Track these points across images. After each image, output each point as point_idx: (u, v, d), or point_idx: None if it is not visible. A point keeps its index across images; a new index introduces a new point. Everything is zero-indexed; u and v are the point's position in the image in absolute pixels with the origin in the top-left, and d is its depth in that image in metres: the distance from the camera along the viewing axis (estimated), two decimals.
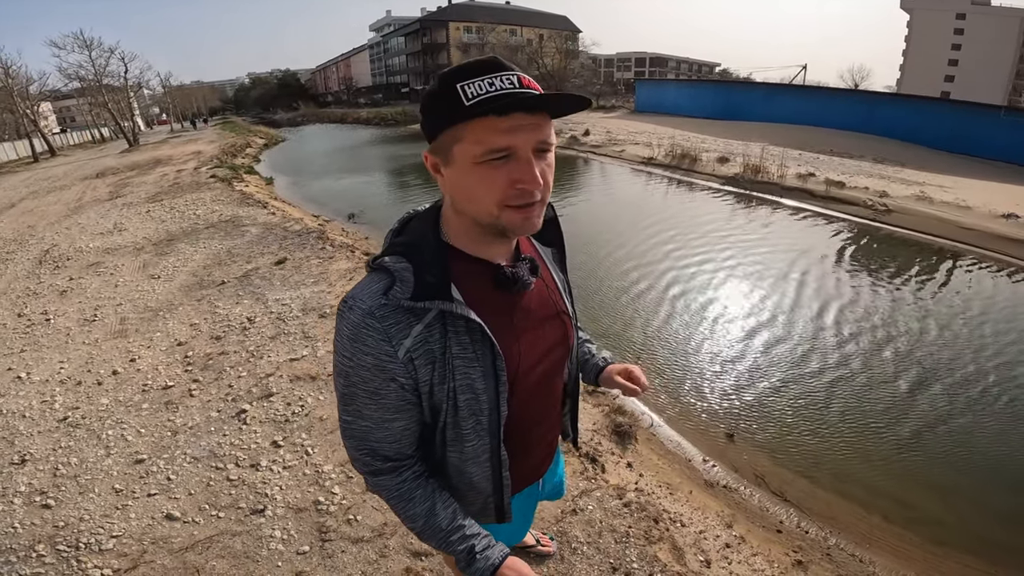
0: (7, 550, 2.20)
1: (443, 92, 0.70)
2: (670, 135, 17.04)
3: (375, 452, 0.85)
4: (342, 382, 0.80)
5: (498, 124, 0.69)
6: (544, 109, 0.71)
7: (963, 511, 2.78)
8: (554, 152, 0.76)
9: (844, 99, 20.87)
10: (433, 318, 0.77)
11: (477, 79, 0.69)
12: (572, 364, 1.08)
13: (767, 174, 11.00)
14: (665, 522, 2.30)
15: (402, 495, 0.87)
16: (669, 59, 76.15)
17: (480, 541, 0.88)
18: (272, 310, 4.55)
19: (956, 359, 4.17)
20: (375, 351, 0.75)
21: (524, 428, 0.96)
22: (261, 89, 78.08)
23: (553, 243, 1.02)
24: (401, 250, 0.80)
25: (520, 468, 1.01)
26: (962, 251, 6.98)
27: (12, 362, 3.98)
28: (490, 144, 0.69)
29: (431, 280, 0.76)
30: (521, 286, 0.84)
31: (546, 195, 0.76)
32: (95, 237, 7.80)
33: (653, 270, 6.18)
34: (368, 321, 0.74)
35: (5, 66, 26.65)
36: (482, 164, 0.71)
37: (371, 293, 0.76)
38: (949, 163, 13.26)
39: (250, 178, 13.33)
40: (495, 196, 0.72)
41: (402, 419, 0.82)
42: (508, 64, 0.72)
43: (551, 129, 0.74)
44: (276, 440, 2.85)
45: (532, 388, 0.92)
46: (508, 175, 0.71)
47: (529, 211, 0.74)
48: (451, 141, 0.72)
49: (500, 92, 0.68)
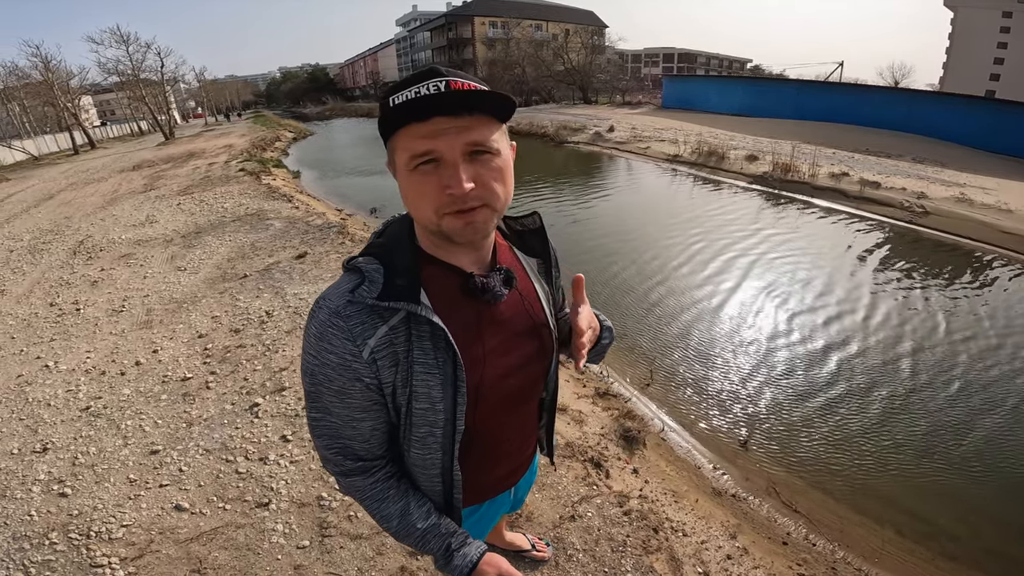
0: (21, 537, 2.29)
1: (382, 104, 0.73)
2: (697, 132, 16.73)
3: (346, 451, 0.84)
4: (308, 380, 0.80)
5: (419, 130, 0.69)
6: (471, 110, 0.69)
7: (979, 526, 2.68)
8: (504, 158, 0.74)
9: (882, 96, 20.11)
10: (399, 321, 0.77)
11: (404, 89, 0.70)
12: (551, 379, 1.05)
13: (798, 173, 10.71)
14: (666, 531, 2.26)
15: (375, 495, 0.87)
16: (698, 55, 74.68)
17: (456, 539, 0.88)
18: (290, 304, 4.63)
19: (983, 371, 4.00)
20: (339, 350, 0.75)
21: (491, 440, 0.95)
22: (291, 83, 79.57)
23: (539, 254, 1.00)
24: (375, 251, 0.81)
25: (480, 481, 1.00)
26: (999, 256, 6.68)
27: (41, 350, 4.14)
28: (412, 150, 0.70)
29: (400, 283, 0.76)
30: (491, 296, 0.83)
31: (492, 200, 0.73)
32: (128, 229, 8.06)
33: (675, 271, 6.08)
34: (334, 320, 0.75)
35: (45, 60, 27.59)
36: (413, 171, 0.71)
37: (339, 293, 0.77)
38: (992, 164, 12.70)
39: (277, 172, 13.59)
40: (430, 202, 0.72)
41: (370, 419, 0.82)
42: (446, 72, 0.70)
43: (488, 132, 0.71)
44: (286, 435, 2.90)
45: (500, 402, 0.90)
46: (437, 181, 0.70)
47: (470, 216, 0.72)
48: (391, 151, 0.75)
49: (417, 97, 0.67)
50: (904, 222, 8.14)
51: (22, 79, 29.20)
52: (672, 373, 4.03)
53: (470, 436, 0.89)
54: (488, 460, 0.99)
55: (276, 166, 14.77)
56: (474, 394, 0.84)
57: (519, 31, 47.06)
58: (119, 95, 39.39)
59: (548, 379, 1.03)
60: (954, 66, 44.72)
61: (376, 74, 78.33)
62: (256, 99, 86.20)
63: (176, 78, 36.82)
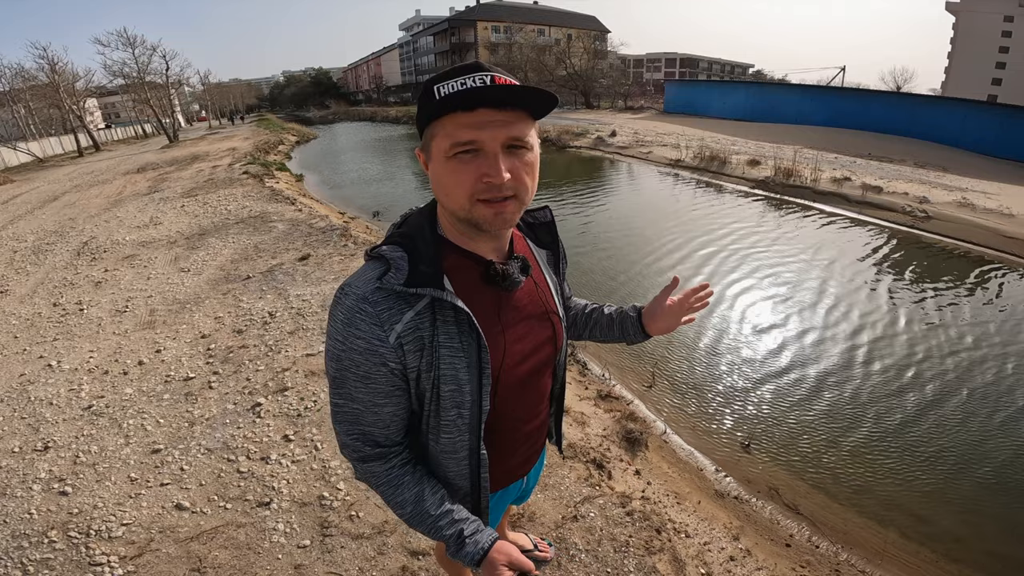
0: (20, 535, 2.29)
1: (425, 93, 0.75)
2: (699, 136, 16.76)
3: (365, 437, 0.86)
4: (333, 366, 0.82)
5: (464, 119, 0.72)
6: (514, 106, 0.73)
7: (983, 528, 2.67)
8: (535, 154, 0.79)
9: (884, 101, 20.14)
10: (424, 306, 0.80)
11: (451, 80, 0.73)
12: (560, 366, 1.09)
13: (800, 177, 10.70)
14: (668, 532, 2.25)
15: (391, 481, 0.89)
16: (700, 60, 74.79)
17: (469, 526, 0.89)
18: (293, 305, 4.64)
19: (984, 374, 3.99)
20: (367, 335, 0.77)
21: (509, 426, 0.98)
22: (295, 87, 79.86)
23: (548, 246, 1.05)
24: (398, 240, 0.83)
25: (501, 466, 1.02)
26: (1001, 261, 6.66)
27: (44, 350, 4.15)
28: (456, 138, 0.73)
29: (425, 269, 0.79)
30: (510, 283, 0.87)
31: (521, 192, 0.77)
32: (132, 230, 8.09)
33: (674, 273, 6.07)
34: (362, 306, 0.77)
35: (52, 63, 27.72)
36: (452, 158, 0.74)
37: (366, 280, 0.79)
38: (994, 168, 12.69)
39: (281, 175, 13.63)
40: (465, 189, 0.75)
41: (391, 404, 0.84)
42: (489, 67, 0.75)
43: (526, 128, 0.76)
44: (287, 434, 2.90)
45: (517, 385, 0.93)
46: (476, 169, 0.74)
47: (500, 206, 0.76)
48: (430, 138, 0.77)
49: (466, 88, 0.71)
50: (906, 227, 8.13)
51: (28, 81, 29.33)
52: (674, 376, 4.02)
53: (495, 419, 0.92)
54: (505, 446, 1.01)
55: (280, 169, 14.81)
56: (496, 375, 0.88)
57: (522, 36, 47.29)
58: (124, 98, 39.55)
59: (557, 367, 1.07)
60: (956, 71, 44.74)
61: (379, 78, 78.59)
62: (260, 102, 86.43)
63: (181, 81, 36.87)
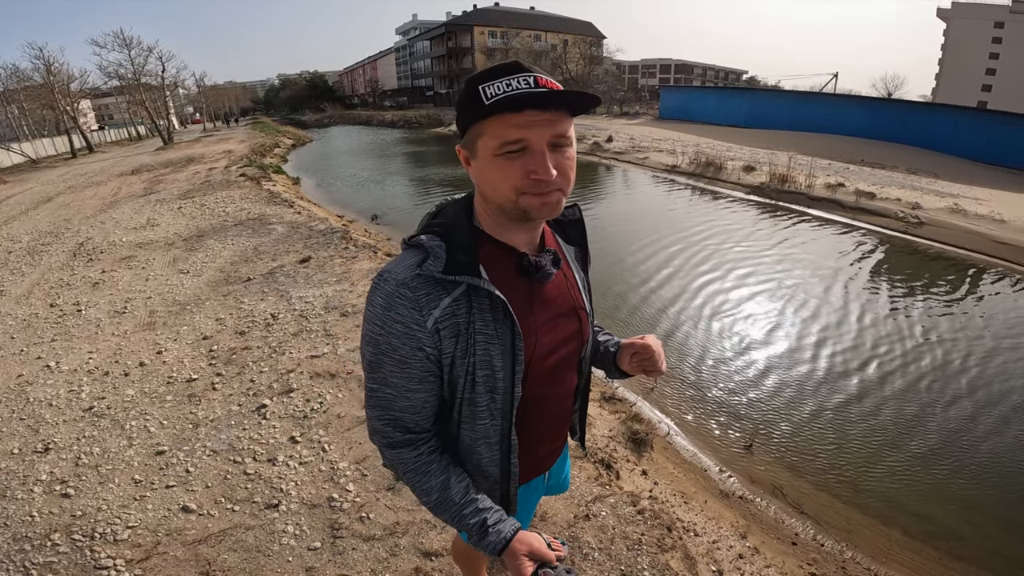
0: (22, 538, 2.26)
1: (468, 93, 0.78)
2: (695, 142, 16.89)
3: (396, 422, 0.88)
4: (371, 350, 0.84)
5: (512, 120, 0.75)
6: (557, 106, 0.76)
7: (985, 526, 2.71)
8: (574, 148, 0.83)
9: (876, 108, 20.41)
10: (461, 293, 0.82)
11: (496, 80, 0.76)
12: (585, 362, 1.10)
13: (794, 183, 10.81)
14: (678, 531, 2.26)
15: (418, 468, 0.90)
16: (695, 66, 75.32)
17: (492, 515, 0.90)
18: (295, 307, 4.62)
19: (984, 374, 4.04)
20: (406, 319, 0.80)
21: (535, 416, 0.99)
22: (290, 90, 79.48)
23: (577, 243, 1.07)
24: (436, 230, 0.86)
25: (527, 458, 1.03)
26: (993, 266, 6.75)
27: (42, 351, 4.11)
28: (505, 137, 0.76)
29: (462, 258, 0.82)
30: (542, 275, 0.89)
31: (565, 186, 0.81)
32: (128, 232, 8.03)
33: (675, 278, 6.11)
34: (402, 291, 0.80)
35: (47, 63, 27.56)
36: (499, 156, 0.77)
37: (406, 267, 0.82)
38: (984, 175, 12.88)
39: (278, 177, 13.59)
40: (512, 184, 0.78)
41: (424, 391, 0.86)
42: (528, 66, 0.78)
43: (567, 126, 0.79)
44: (294, 436, 2.89)
45: (545, 376, 0.95)
46: (523, 166, 0.77)
47: (546, 196, 0.79)
48: (475, 136, 0.80)
49: (514, 91, 0.74)
50: (899, 232, 8.23)
51: (22, 81, 29.10)
52: (676, 377, 4.04)
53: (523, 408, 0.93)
54: (533, 435, 1.02)
55: (276, 172, 14.76)
56: (527, 364, 0.90)
57: (519, 41, 47.42)
58: (118, 99, 39.29)
59: (583, 362, 1.08)
60: (946, 77, 45.35)
61: (375, 82, 78.56)
62: (255, 105, 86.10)
63: (176, 83, 36.70)
